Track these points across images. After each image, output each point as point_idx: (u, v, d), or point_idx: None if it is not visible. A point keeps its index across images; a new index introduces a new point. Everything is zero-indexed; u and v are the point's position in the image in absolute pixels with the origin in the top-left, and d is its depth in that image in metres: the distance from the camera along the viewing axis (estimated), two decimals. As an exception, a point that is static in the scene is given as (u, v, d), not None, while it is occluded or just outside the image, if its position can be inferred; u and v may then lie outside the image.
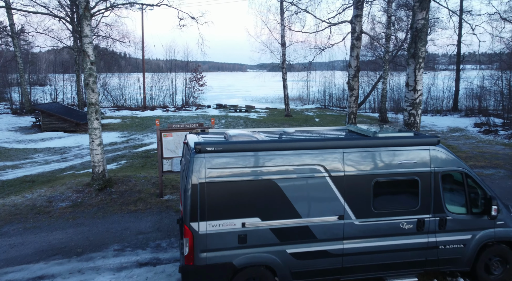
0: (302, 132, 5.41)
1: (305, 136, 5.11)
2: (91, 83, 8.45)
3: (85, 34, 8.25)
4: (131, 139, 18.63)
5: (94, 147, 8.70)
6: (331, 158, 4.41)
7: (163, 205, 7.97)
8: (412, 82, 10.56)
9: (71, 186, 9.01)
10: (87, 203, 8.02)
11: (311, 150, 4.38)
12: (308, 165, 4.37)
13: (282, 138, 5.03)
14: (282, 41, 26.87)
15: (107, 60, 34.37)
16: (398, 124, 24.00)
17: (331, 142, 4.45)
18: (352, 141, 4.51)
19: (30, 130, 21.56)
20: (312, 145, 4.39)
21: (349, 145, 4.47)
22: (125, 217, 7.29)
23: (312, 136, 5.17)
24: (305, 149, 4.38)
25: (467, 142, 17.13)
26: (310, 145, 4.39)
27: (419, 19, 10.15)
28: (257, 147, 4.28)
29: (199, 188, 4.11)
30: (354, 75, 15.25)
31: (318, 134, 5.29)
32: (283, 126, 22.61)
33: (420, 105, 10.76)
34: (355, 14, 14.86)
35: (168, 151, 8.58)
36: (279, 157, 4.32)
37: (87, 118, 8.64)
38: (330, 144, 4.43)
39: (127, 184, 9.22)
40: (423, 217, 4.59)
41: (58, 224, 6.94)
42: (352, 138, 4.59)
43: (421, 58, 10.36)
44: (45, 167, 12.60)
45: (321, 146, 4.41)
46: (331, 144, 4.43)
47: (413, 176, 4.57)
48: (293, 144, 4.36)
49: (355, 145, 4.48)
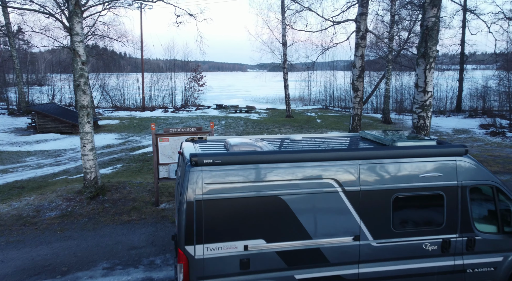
0: (310, 140, 4.87)
1: (315, 145, 4.58)
2: (82, 84, 7.92)
3: (75, 32, 7.72)
4: (128, 141, 18.10)
5: (85, 152, 8.17)
6: (345, 171, 3.88)
7: (158, 215, 7.45)
8: (422, 83, 10.03)
9: (62, 193, 8.49)
10: (78, 212, 7.50)
11: (322, 162, 3.86)
12: (319, 178, 3.84)
13: (289, 147, 4.50)
14: (283, 40, 26.35)
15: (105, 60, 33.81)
16: (402, 126, 23.48)
17: (345, 153, 3.92)
18: (368, 151, 3.98)
19: (26, 132, 21.05)
20: (323, 156, 3.86)
21: (366, 156, 3.94)
22: (117, 229, 6.76)
23: (322, 145, 4.64)
24: (316, 161, 3.85)
25: (475, 144, 16.60)
26: (322, 156, 3.86)
27: (430, 16, 9.62)
28: (262, 159, 3.75)
29: (195, 206, 3.58)
30: (358, 76, 14.73)
31: (328, 142, 4.76)
32: (284, 127, 22.11)
33: (430, 107, 10.23)
34: (360, 12, 14.35)
35: (165, 157, 8.05)
36: (286, 170, 3.79)
37: (78, 122, 8.11)
38: (344, 154, 3.90)
39: (121, 191, 8.69)
40: (449, 237, 4.07)
41: (44, 237, 6.42)
42: (369, 149, 4.06)
43: (431, 58, 9.83)
44: (37, 171, 12.08)
45: (334, 157, 3.88)
46: (346, 155, 3.90)
47: (438, 190, 4.04)
48: (302, 155, 3.83)
49: (372, 156, 3.95)
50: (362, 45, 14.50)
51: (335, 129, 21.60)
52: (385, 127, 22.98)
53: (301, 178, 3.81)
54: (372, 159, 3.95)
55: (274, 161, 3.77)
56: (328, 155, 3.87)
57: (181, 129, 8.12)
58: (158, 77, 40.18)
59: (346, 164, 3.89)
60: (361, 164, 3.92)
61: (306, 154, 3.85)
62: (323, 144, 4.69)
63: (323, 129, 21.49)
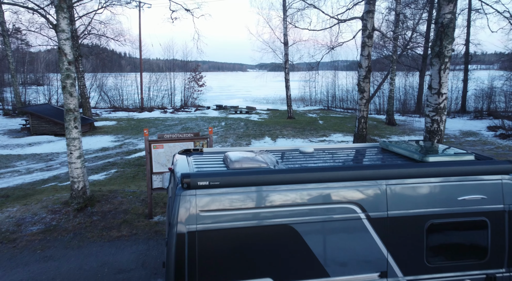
0: (323, 152, 4.18)
1: (329, 160, 3.90)
2: (69, 86, 7.24)
3: (61, 29, 7.04)
4: (124, 144, 17.43)
5: (72, 160, 7.49)
6: (370, 193, 3.21)
7: (151, 230, 6.77)
8: (436, 84, 9.35)
9: (47, 204, 7.81)
10: (62, 227, 6.82)
11: (342, 183, 3.18)
12: (338, 202, 3.17)
13: (300, 162, 3.81)
14: (284, 40, 25.68)
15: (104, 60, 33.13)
16: (408, 128, 22.80)
17: (370, 171, 3.24)
18: (397, 169, 3.30)
19: (19, 134, 20.37)
20: (343, 175, 3.18)
21: (394, 175, 3.26)
22: (105, 247, 6.08)
23: (337, 158, 3.96)
24: (335, 181, 3.17)
25: (485, 148, 15.93)
26: (341, 175, 3.18)
27: (446, 13, 8.93)
28: (269, 179, 3.07)
29: (188, 240, 2.91)
30: (365, 76, 14.04)
31: (344, 156, 4.08)
32: (286, 129, 21.42)
33: (445, 110, 9.55)
34: (366, 10, 13.66)
35: (159, 165, 7.38)
36: (299, 193, 3.11)
37: (65, 127, 7.43)
38: (368, 173, 3.23)
39: (112, 201, 8.02)
40: (494, 273, 3.39)
41: (22, 257, 5.74)
42: (398, 166, 3.38)
43: (447, 58, 9.13)
44: (26, 177, 11.40)
45: (356, 177, 3.20)
46: (370, 174, 3.22)
47: (480, 216, 3.37)
48: (318, 174, 3.15)
49: (402, 175, 3.27)
50: (368, 44, 13.82)
51: (338, 131, 20.92)
52: (390, 129, 22.30)
53: (316, 203, 3.13)
54: (401, 178, 3.27)
55: (284, 182, 3.10)
56: (350, 174, 3.20)
57: (176, 135, 7.44)
58: (157, 77, 39.51)
59: (371, 185, 3.22)
60: (389, 184, 3.24)
61: (323, 173, 3.17)
62: (339, 157, 4.01)
63: (326, 131, 20.82)
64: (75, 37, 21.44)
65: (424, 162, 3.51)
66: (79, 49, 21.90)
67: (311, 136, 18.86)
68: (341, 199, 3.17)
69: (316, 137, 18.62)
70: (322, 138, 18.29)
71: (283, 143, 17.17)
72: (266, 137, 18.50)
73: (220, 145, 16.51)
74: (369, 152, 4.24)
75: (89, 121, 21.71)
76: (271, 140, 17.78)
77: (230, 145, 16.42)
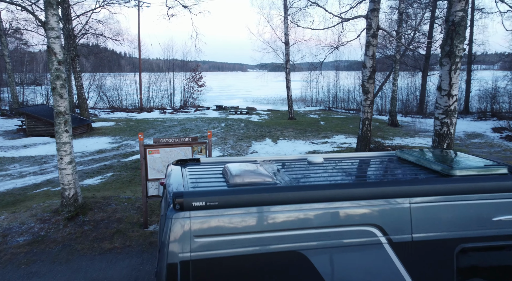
0: (334, 163, 3.75)
1: (342, 172, 3.47)
2: (59, 87, 6.81)
3: (50, 27, 6.61)
4: (122, 146, 17.00)
5: (63, 166, 7.06)
6: (391, 214, 2.78)
7: (146, 241, 6.34)
8: (446, 86, 8.92)
9: (37, 212, 7.38)
10: (51, 237, 6.39)
11: (360, 201, 2.75)
12: (355, 224, 2.74)
13: (309, 174, 3.38)
14: (285, 39, 25.26)
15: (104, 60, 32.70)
16: (411, 129, 22.36)
17: (392, 188, 2.81)
18: (423, 185, 2.86)
19: (15, 135, 19.96)
20: (361, 193, 2.75)
21: (420, 192, 2.83)
22: (95, 261, 5.65)
23: (351, 170, 3.53)
24: (351, 199, 2.74)
25: (492, 150, 15.50)
26: (359, 192, 2.75)
27: (457, 10, 8.50)
28: (276, 198, 2.64)
29: (181, 271, 2.47)
30: (369, 77, 13.61)
31: (358, 167, 3.66)
32: (287, 130, 20.98)
33: (455, 113, 9.13)
34: (371, 8, 13.23)
35: (154, 171, 6.95)
36: (310, 213, 2.69)
37: (55, 131, 7.00)
38: (390, 190, 2.79)
39: (106, 209, 7.59)
40: None
41: (5, 273, 5.31)
42: (423, 181, 2.94)
43: (458, 58, 8.71)
44: (18, 181, 10.98)
45: (376, 194, 2.77)
46: (392, 191, 2.79)
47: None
48: (332, 191, 2.72)
49: (429, 191, 2.84)
50: (373, 43, 13.39)
51: (340, 132, 20.49)
52: (393, 130, 21.87)
53: (331, 225, 2.70)
54: (428, 195, 2.84)
55: (294, 201, 2.67)
56: (368, 191, 2.77)
57: (173, 140, 7.01)
58: (157, 77, 39.10)
59: (393, 204, 2.79)
60: (414, 203, 2.81)
61: (338, 190, 2.74)
62: (352, 169, 3.58)
63: (328, 132, 20.40)
64: (72, 36, 21.01)
65: (452, 176, 3.08)
66: (76, 49, 21.46)
67: (312, 138, 18.43)
68: (358, 221, 2.74)
69: (318, 139, 18.20)
70: (324, 140, 17.86)
71: (284, 144, 16.75)
72: (267, 139, 18.07)
73: (220, 146, 16.09)
74: (385, 162, 3.80)
75: (87, 122, 21.29)
76: (272, 142, 17.35)
77: (230, 147, 16.00)
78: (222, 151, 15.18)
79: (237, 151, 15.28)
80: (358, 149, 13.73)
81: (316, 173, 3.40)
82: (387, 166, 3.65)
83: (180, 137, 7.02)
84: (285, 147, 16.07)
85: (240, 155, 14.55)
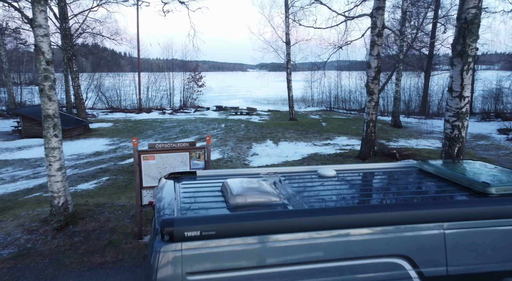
0: (348, 177, 3.31)
1: (357, 187, 3.03)
2: (47, 89, 6.37)
3: (37, 24, 6.17)
4: (119, 148, 16.56)
5: (52, 173, 6.62)
6: (422, 242, 2.34)
7: (140, 254, 5.90)
8: (457, 87, 8.48)
9: (25, 221, 6.94)
10: (38, 250, 5.95)
11: (385, 227, 2.32)
12: (380, 256, 2.30)
13: (320, 190, 2.94)
14: (286, 39, 24.83)
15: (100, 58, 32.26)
16: (415, 130, 21.92)
17: (421, 211, 2.37)
18: (459, 207, 2.43)
19: (10, 136, 19.51)
20: (386, 218, 2.32)
21: (455, 215, 2.39)
22: (84, 278, 5.21)
23: (367, 186, 3.10)
24: (374, 225, 2.31)
25: (500, 152, 15.06)
26: (383, 218, 2.31)
27: (470, 7, 8.06)
28: (286, 225, 2.20)
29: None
30: (374, 77, 13.18)
31: (376, 182, 3.22)
32: (288, 131, 20.53)
33: (467, 115, 8.69)
34: (376, 6, 12.79)
35: (149, 178, 6.51)
36: (327, 242, 2.25)
37: (43, 135, 6.56)
38: (419, 214, 2.36)
39: (98, 218, 7.15)
40: None
41: (-15, 292, 4.88)
42: (458, 203, 2.51)
43: (470, 57, 8.27)
44: (9, 186, 10.53)
45: (403, 218, 2.34)
46: (422, 215, 2.36)
47: None
48: (352, 216, 2.29)
49: (466, 215, 2.41)
50: (378, 43, 12.96)
51: (343, 134, 20.06)
52: (396, 131, 21.43)
53: (350, 257, 2.27)
54: (465, 220, 2.41)
55: (308, 227, 2.23)
56: (394, 216, 2.33)
57: (170, 145, 6.57)
58: (156, 77, 38.67)
59: (423, 230, 2.35)
60: (449, 229, 2.38)
61: (359, 214, 2.31)
62: (369, 184, 3.15)
63: (330, 133, 19.96)
64: (68, 35, 20.57)
65: (489, 195, 2.64)
66: (72, 49, 21.03)
67: (314, 140, 18.00)
68: (383, 251, 2.31)
69: (320, 141, 17.76)
70: (326, 142, 17.42)
71: (286, 146, 16.31)
72: (268, 141, 17.64)
73: (219, 148, 15.66)
74: (406, 176, 3.35)
75: (84, 123, 20.85)
76: (273, 143, 16.92)
77: (230, 149, 15.56)
78: (222, 153, 14.75)
79: (237, 153, 14.85)
80: (362, 151, 13.30)
81: (329, 189, 2.96)
82: (410, 181, 3.20)
83: (177, 142, 6.58)
84: (286, 149, 15.63)
85: (241, 157, 14.12)
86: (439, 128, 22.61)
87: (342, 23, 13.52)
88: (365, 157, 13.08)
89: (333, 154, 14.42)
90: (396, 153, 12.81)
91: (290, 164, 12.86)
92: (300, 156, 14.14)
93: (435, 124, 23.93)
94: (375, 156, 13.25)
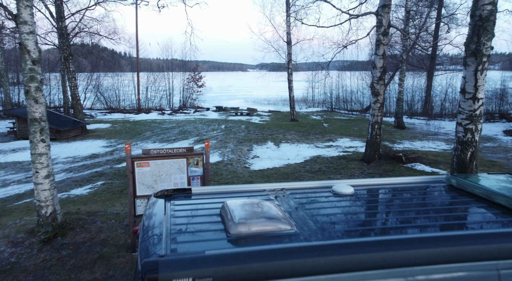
0: (369, 196, 2.84)
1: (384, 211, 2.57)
2: (33, 90, 5.91)
3: (22, 20, 5.71)
4: (117, 150, 16.10)
5: (39, 181, 6.16)
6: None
7: (132, 270, 5.44)
8: (470, 88, 8.02)
9: (10, 232, 6.48)
10: (22, 265, 5.49)
11: (424, 267, 1.86)
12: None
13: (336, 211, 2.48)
14: (288, 39, 24.38)
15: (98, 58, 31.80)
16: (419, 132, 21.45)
17: (470, 247, 1.91)
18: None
19: (5, 138, 19.06)
20: (425, 256, 1.86)
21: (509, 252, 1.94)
22: (70, 298, 4.75)
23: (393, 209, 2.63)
24: (412, 265, 1.85)
25: (509, 155, 14.60)
26: (423, 255, 1.85)
27: (485, 4, 7.60)
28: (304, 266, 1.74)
29: None
30: (379, 78, 12.71)
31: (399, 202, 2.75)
32: (289, 133, 20.10)
33: (481, 118, 8.21)
34: (382, 4, 12.33)
35: (144, 187, 6.06)
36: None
37: (29, 140, 6.11)
38: (466, 251, 1.90)
39: (89, 228, 6.69)
40: None
41: (-41, 316, 4.42)
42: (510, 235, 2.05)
43: (485, 57, 7.81)
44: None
45: (448, 256, 1.88)
46: (471, 252, 1.90)
47: None
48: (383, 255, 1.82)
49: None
50: (384, 42, 12.49)
51: (345, 135, 19.60)
52: (400, 133, 20.98)
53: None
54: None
55: (332, 269, 1.77)
56: (436, 253, 1.87)
57: (165, 150, 6.11)
58: (155, 77, 38.22)
59: (472, 270, 1.89)
60: (505, 269, 1.92)
61: (391, 252, 1.84)
62: (392, 205, 2.68)
63: (332, 135, 19.51)
64: (65, 35, 20.12)
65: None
66: (69, 48, 20.57)
67: (316, 141, 17.55)
68: None
69: (322, 142, 17.31)
70: (329, 144, 16.97)
71: (287, 148, 15.86)
72: (269, 142, 17.19)
73: (219, 151, 15.20)
74: (436, 195, 2.88)
75: (81, 124, 20.39)
76: (274, 145, 16.47)
77: (230, 151, 15.10)
78: (221, 156, 14.29)
79: (237, 155, 14.39)
80: (366, 154, 12.84)
81: (349, 213, 2.50)
82: (442, 202, 2.73)
83: (174, 148, 6.11)
84: (288, 151, 15.18)
85: (241, 159, 13.66)
86: (444, 129, 22.16)
87: (346, 21, 13.06)
88: (370, 160, 12.61)
89: (336, 156, 13.95)
90: (402, 156, 12.35)
91: (292, 167, 12.40)
92: (302, 159, 13.68)
93: (439, 125, 23.44)
94: (380, 159, 12.79)
